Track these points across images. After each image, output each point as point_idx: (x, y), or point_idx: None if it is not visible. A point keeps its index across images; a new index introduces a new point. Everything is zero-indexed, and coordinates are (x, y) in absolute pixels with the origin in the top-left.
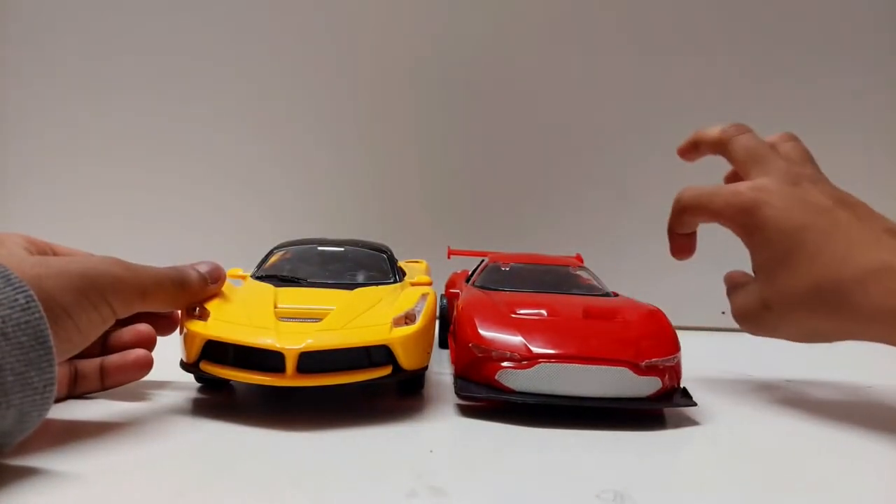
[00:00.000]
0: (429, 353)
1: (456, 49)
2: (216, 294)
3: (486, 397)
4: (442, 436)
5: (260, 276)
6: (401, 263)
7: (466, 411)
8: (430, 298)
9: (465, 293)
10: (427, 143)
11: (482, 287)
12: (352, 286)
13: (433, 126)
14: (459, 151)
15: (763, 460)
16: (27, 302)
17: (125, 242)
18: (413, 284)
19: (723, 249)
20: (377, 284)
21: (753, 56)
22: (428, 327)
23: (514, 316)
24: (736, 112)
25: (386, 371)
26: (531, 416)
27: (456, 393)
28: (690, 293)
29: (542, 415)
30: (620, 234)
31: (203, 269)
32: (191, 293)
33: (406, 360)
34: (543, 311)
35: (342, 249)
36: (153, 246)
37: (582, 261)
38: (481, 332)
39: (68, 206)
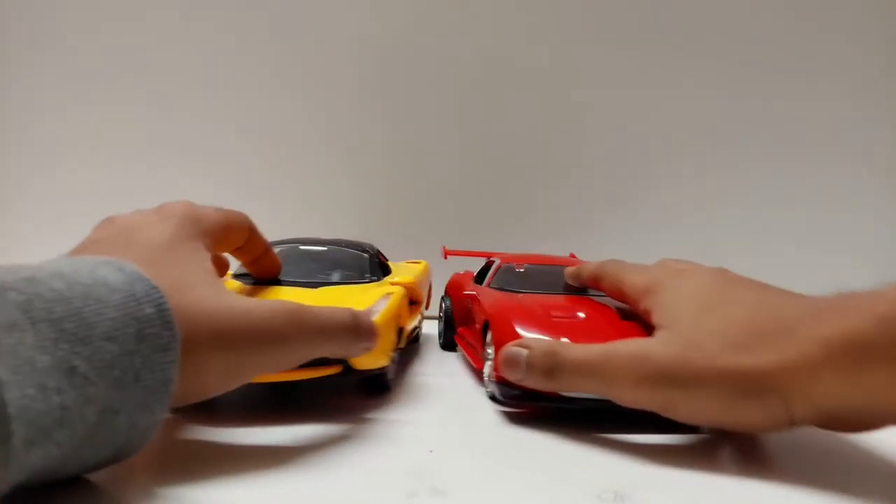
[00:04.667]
0: (388, 353)
1: (453, 50)
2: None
3: (536, 404)
4: (442, 436)
5: (238, 275)
6: (400, 264)
7: (466, 411)
8: (393, 298)
9: (485, 296)
10: (427, 143)
11: (500, 289)
12: (318, 285)
13: (433, 126)
14: (459, 151)
15: (767, 460)
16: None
17: None
18: (393, 284)
19: (723, 250)
20: (349, 284)
21: (752, 56)
22: (385, 327)
23: (553, 318)
24: (733, 109)
25: (336, 370)
26: (532, 416)
27: (496, 400)
28: None
29: (543, 414)
30: (618, 235)
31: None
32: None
33: (356, 359)
34: (580, 313)
35: (324, 249)
36: None
37: (577, 260)
38: (522, 333)
39: (63, 207)
